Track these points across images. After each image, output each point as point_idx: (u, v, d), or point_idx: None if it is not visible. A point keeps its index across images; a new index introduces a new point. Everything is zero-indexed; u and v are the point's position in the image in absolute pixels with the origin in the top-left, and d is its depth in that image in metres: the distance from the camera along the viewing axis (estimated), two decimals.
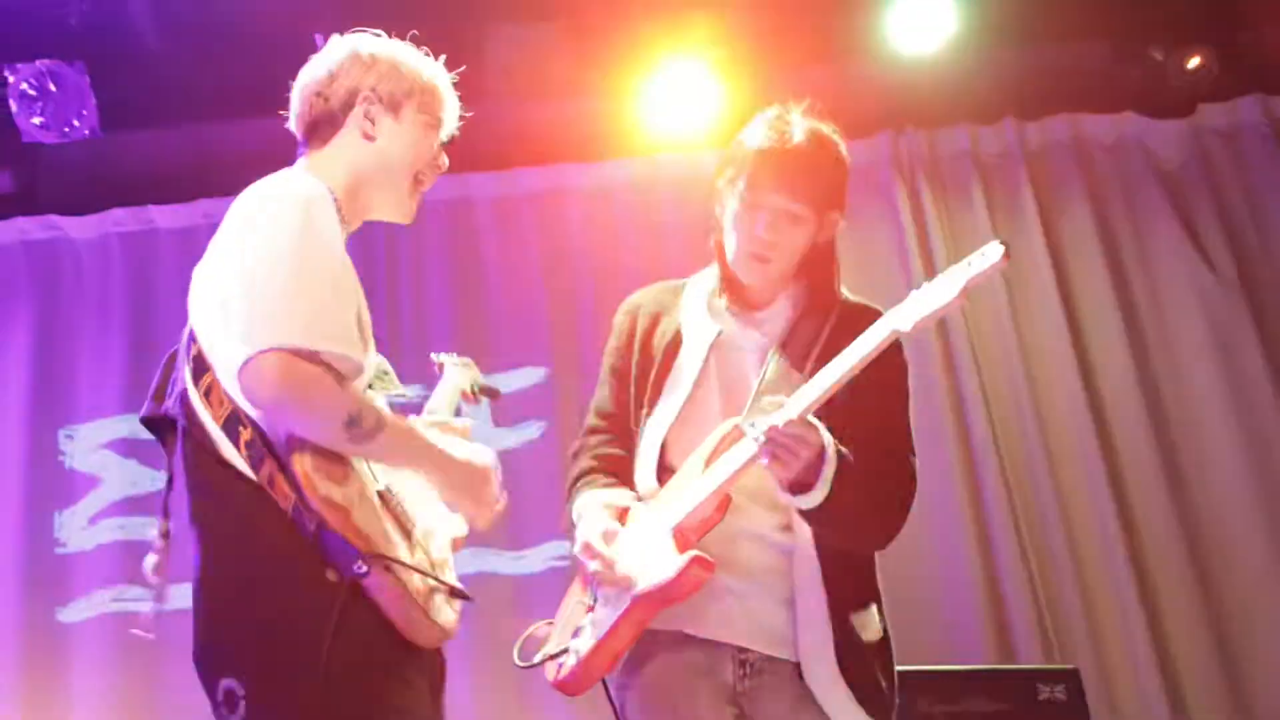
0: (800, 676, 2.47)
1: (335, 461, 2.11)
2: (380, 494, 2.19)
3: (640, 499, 2.64)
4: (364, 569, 2.04)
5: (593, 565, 2.53)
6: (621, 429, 2.77)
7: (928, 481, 5.85)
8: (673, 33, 5.71)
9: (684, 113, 5.82)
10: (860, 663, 2.47)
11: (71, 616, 5.45)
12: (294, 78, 5.96)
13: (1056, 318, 5.84)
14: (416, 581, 2.12)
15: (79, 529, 5.58)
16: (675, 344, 2.71)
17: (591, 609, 2.61)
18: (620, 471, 2.72)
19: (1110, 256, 5.96)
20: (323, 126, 2.47)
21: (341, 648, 2.04)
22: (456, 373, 3.04)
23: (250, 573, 2.10)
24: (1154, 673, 5.30)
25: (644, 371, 2.74)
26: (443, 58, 2.58)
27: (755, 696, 2.53)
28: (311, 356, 2.07)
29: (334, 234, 2.23)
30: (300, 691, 2.03)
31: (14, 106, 5.36)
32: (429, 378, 5.91)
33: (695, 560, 2.40)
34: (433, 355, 3.12)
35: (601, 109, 5.95)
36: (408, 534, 2.21)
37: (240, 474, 2.13)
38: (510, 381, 5.83)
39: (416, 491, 2.34)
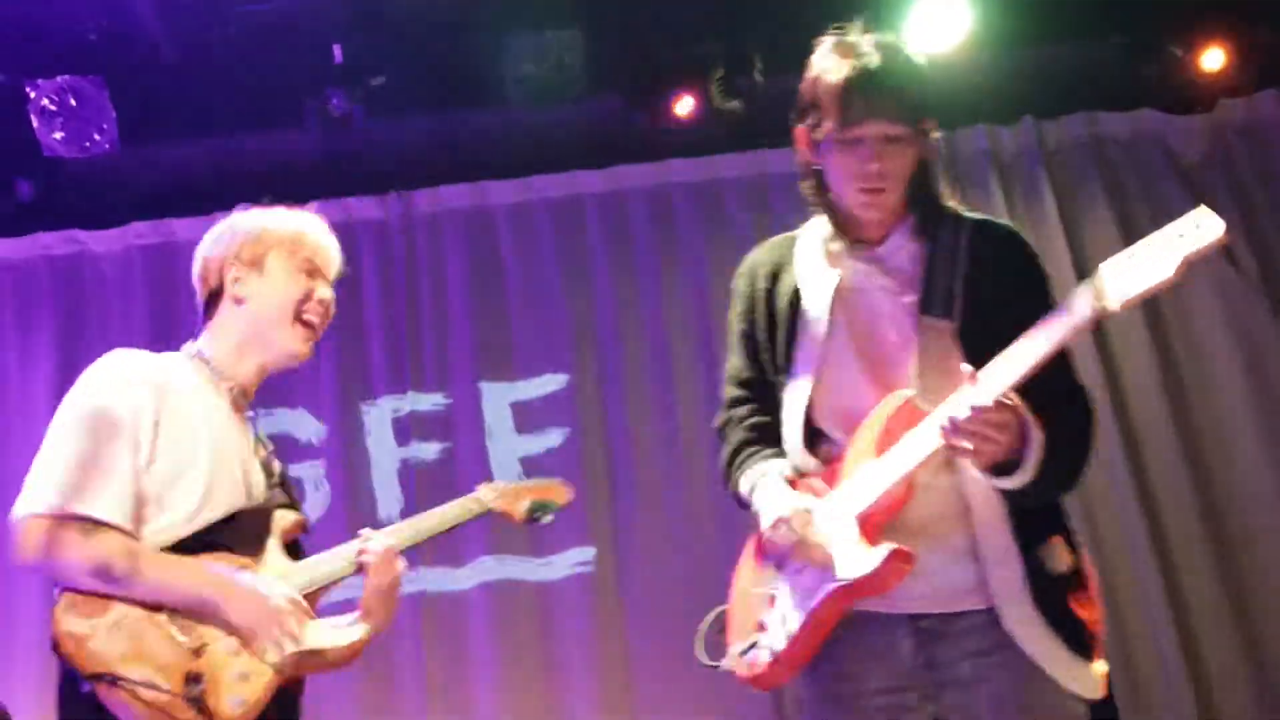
0: (990, 624, 2.42)
1: (93, 597, 2.40)
2: (156, 619, 2.42)
3: (797, 469, 2.59)
4: (88, 686, 2.33)
5: (788, 541, 2.47)
6: (763, 396, 2.69)
7: None
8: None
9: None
10: (1052, 597, 2.39)
11: None
12: (313, 89, 5.94)
13: None
14: (152, 694, 2.33)
15: None
16: (797, 299, 2.63)
17: (773, 601, 2.54)
18: (776, 441, 2.64)
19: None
20: (210, 304, 2.78)
21: None
22: (493, 500, 3.20)
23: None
24: (1181, 675, 5.32)
25: (771, 334, 2.66)
26: (312, 208, 2.88)
27: (938, 662, 2.47)
28: (51, 519, 2.41)
29: (120, 408, 2.50)
30: None
31: (35, 121, 5.40)
32: (449, 385, 5.93)
33: (895, 554, 2.34)
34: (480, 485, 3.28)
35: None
36: (196, 651, 2.42)
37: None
38: (531, 389, 5.90)
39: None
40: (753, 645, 2.56)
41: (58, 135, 5.43)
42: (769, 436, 2.66)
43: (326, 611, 2.79)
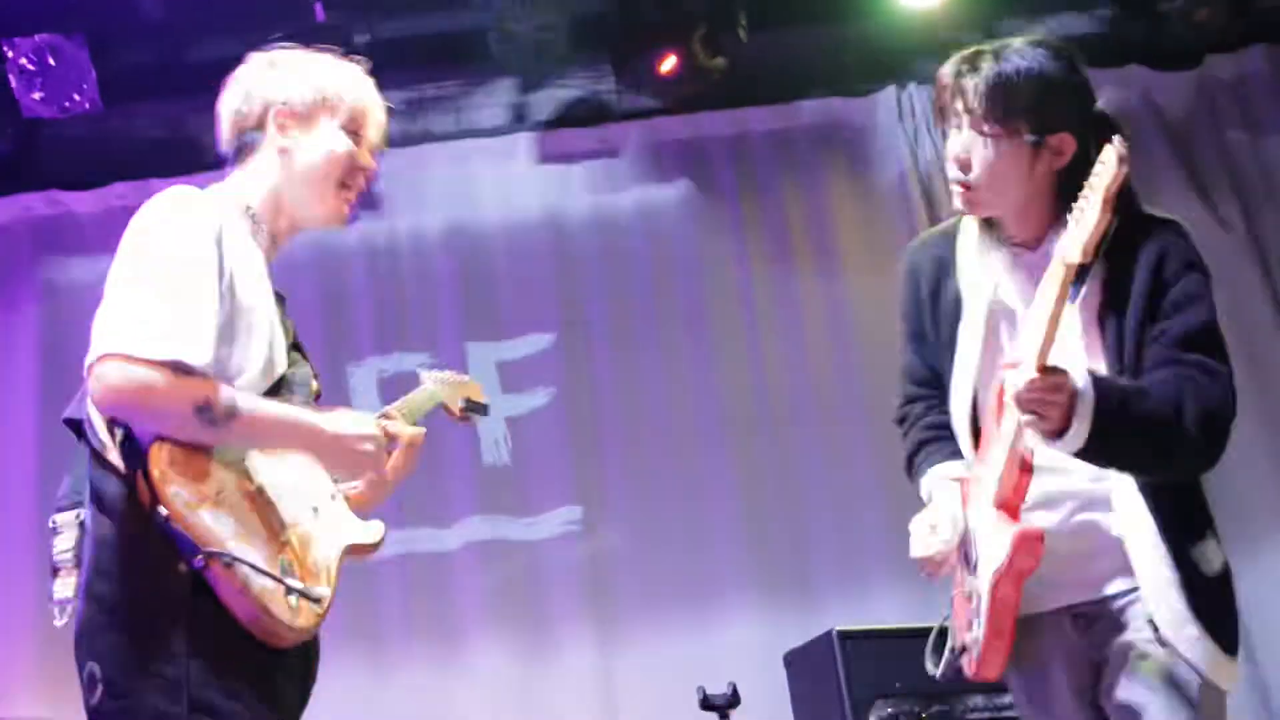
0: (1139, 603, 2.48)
1: (194, 459, 2.23)
2: (251, 494, 2.30)
3: (968, 467, 2.70)
4: (202, 562, 2.16)
5: (944, 551, 2.60)
6: (936, 393, 2.79)
7: None
8: None
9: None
10: (1207, 597, 2.43)
11: None
12: (297, 46, 5.95)
13: None
14: (262, 581, 2.21)
15: None
16: (958, 307, 2.69)
17: (969, 600, 2.65)
18: (952, 436, 2.74)
19: None
20: (244, 145, 2.59)
21: (190, 637, 2.18)
22: (439, 389, 3.09)
23: (112, 563, 2.23)
24: None
25: (939, 336, 2.75)
26: (359, 63, 2.70)
27: (1102, 642, 2.53)
28: (145, 362, 2.19)
29: (200, 247, 2.33)
30: (149, 677, 2.18)
31: (13, 81, 5.38)
32: (436, 345, 5.96)
33: (1022, 536, 2.42)
34: (419, 370, 3.17)
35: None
36: (276, 535, 2.31)
37: (115, 470, 2.25)
38: (517, 349, 5.95)
39: (317, 497, 2.47)
40: (964, 646, 2.68)
41: (37, 95, 5.43)
42: (945, 434, 2.76)
43: None
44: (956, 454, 2.71)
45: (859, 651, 4.51)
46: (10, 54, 5.36)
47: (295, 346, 2.63)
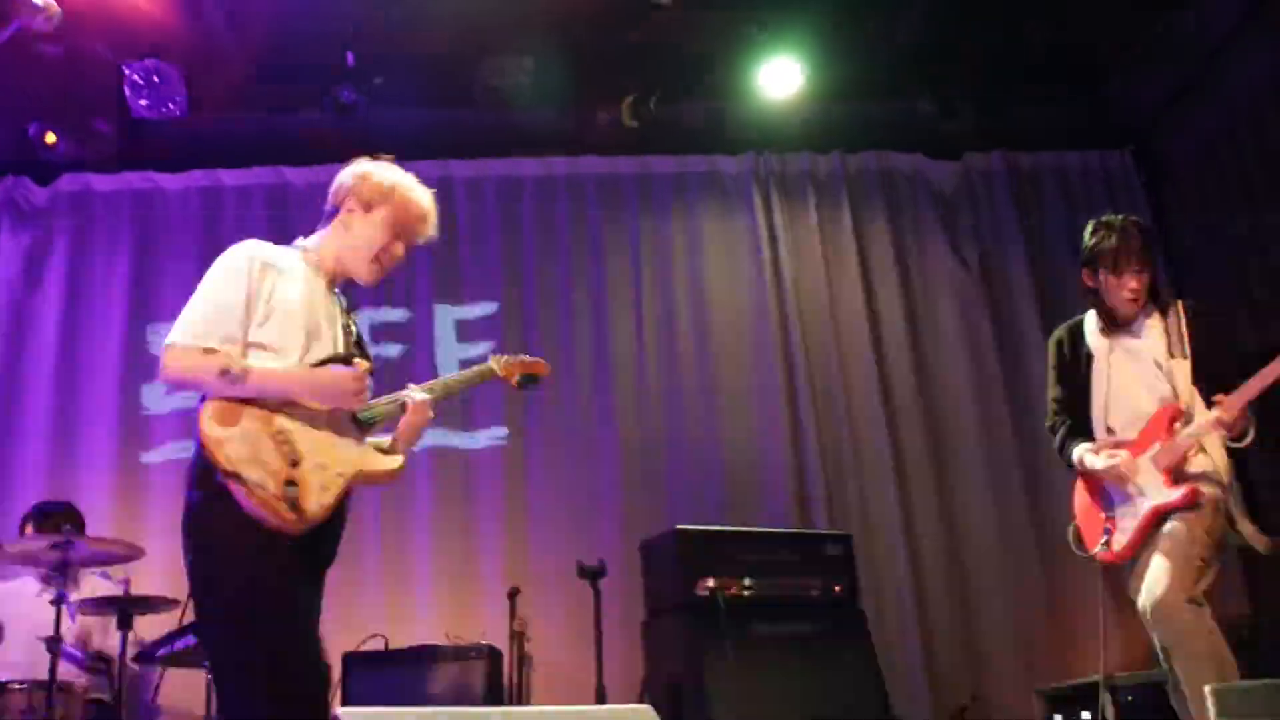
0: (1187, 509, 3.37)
1: (229, 412, 2.52)
2: (273, 434, 2.53)
3: (1097, 444, 3.57)
4: (222, 479, 2.45)
5: (1126, 484, 3.45)
6: (1072, 408, 3.69)
7: (763, 403, 5.97)
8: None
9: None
10: (1249, 497, 3.69)
11: (151, 459, 5.72)
12: (330, 83, 5.81)
13: (858, 291, 6.22)
14: (263, 491, 2.45)
15: (159, 398, 5.77)
16: (1089, 358, 3.66)
17: (1111, 520, 3.49)
18: (1081, 431, 3.65)
19: (899, 252, 6.33)
20: (332, 213, 2.87)
21: (226, 530, 2.46)
22: (500, 368, 3.19)
23: (188, 481, 2.57)
24: (899, 536, 5.81)
25: (1076, 377, 3.68)
26: (431, 193, 2.93)
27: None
28: (188, 347, 2.55)
29: (250, 277, 2.62)
30: (203, 556, 2.50)
31: (127, 91, 5.57)
32: (413, 304, 6.07)
33: (1192, 490, 3.33)
34: (491, 355, 3.29)
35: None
36: (294, 463, 2.52)
37: None
38: (470, 312, 6.06)
39: (339, 444, 2.65)
40: (1108, 541, 3.47)
41: (143, 102, 5.57)
42: (1078, 429, 3.67)
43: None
44: (1086, 439, 3.61)
45: (693, 543, 4.67)
46: (128, 72, 5.54)
47: (358, 343, 2.85)
